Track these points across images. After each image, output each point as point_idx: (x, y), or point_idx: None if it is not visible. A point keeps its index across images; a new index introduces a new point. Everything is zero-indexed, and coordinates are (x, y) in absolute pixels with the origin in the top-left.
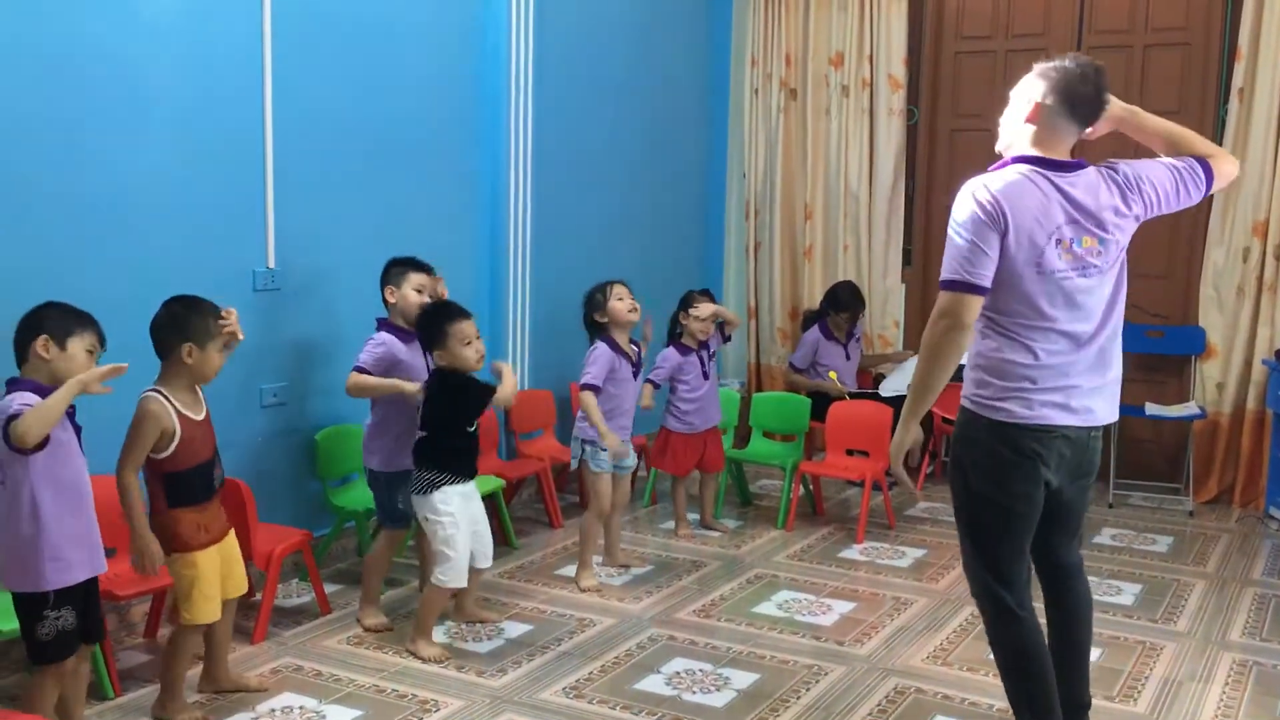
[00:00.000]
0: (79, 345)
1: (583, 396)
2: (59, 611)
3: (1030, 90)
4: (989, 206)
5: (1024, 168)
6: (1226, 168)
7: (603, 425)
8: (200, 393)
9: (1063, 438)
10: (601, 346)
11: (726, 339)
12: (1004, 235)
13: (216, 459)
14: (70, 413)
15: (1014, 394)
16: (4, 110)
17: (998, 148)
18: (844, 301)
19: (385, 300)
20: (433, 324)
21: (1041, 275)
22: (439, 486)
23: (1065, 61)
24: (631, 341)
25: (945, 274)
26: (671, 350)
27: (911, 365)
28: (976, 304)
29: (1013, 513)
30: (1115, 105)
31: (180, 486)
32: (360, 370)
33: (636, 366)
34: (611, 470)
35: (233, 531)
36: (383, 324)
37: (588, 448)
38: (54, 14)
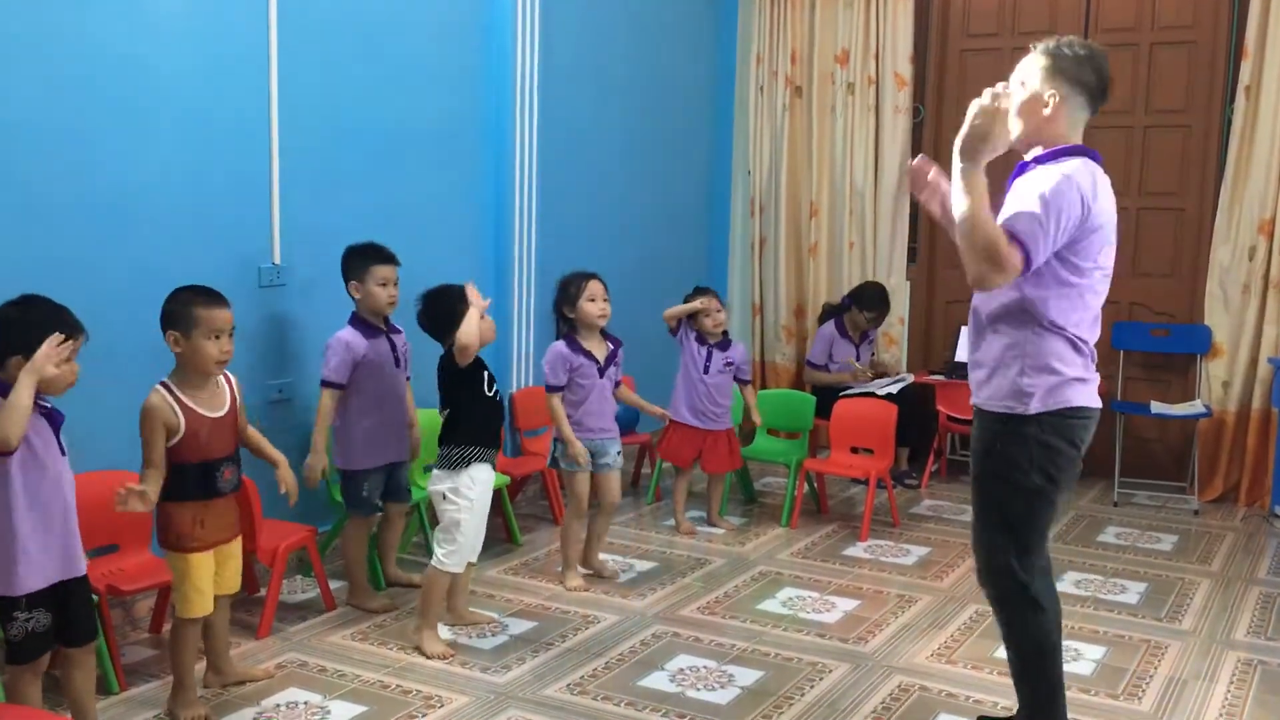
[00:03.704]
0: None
1: (548, 399)
2: (30, 614)
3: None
4: (1086, 195)
5: (1091, 163)
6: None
7: (566, 429)
8: (227, 390)
9: (1094, 419)
10: (556, 348)
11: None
12: (1086, 223)
13: (229, 460)
14: (48, 414)
15: (1074, 386)
16: (12, 109)
17: (1018, 139)
18: (871, 302)
19: (350, 294)
20: (447, 306)
21: (1100, 271)
22: (471, 461)
23: (1080, 49)
24: (605, 336)
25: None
26: (692, 337)
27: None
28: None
29: (1058, 502)
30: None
31: (179, 480)
32: (328, 384)
33: (605, 365)
34: (587, 470)
35: (239, 538)
36: (351, 319)
37: (560, 446)
38: (61, 13)
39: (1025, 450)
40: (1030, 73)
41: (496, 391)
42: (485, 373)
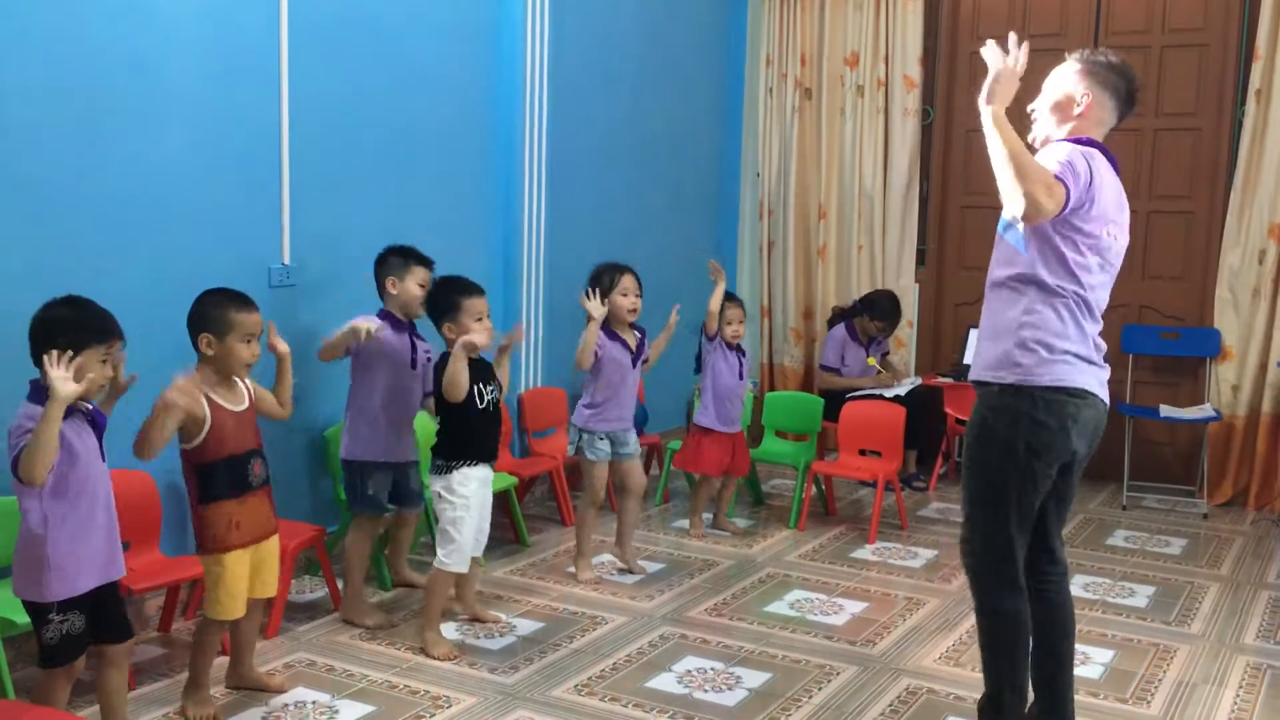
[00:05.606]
0: (90, 359)
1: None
2: (64, 616)
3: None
4: (1086, 168)
5: (1095, 150)
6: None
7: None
8: (244, 386)
9: (1092, 406)
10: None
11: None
12: (1090, 202)
13: (257, 454)
14: (91, 419)
15: (1062, 362)
16: (25, 109)
17: (1049, 137)
18: (883, 311)
19: (384, 290)
20: (447, 294)
21: (1098, 253)
22: (456, 468)
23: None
24: (633, 327)
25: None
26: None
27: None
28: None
29: (1044, 479)
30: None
31: (211, 479)
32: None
33: (635, 355)
34: (608, 459)
35: (276, 536)
36: (380, 312)
37: (584, 435)
38: (72, 13)
39: (1014, 424)
40: (1064, 76)
41: (490, 403)
42: (477, 386)
